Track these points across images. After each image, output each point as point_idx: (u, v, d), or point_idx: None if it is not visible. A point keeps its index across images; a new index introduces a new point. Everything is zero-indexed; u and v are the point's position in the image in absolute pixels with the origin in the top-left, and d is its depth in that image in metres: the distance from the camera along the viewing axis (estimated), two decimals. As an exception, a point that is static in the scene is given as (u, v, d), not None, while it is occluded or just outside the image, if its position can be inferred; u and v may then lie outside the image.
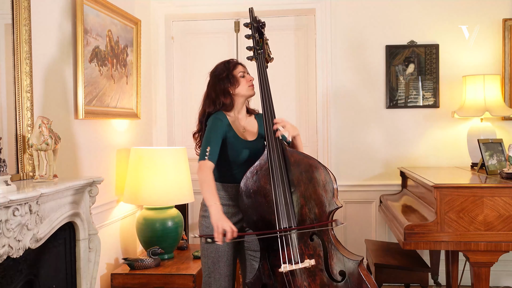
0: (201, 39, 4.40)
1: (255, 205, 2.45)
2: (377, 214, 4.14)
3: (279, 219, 2.38)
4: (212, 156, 2.39)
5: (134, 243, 3.84)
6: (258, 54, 2.61)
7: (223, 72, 2.56)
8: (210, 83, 2.61)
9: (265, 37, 2.66)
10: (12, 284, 2.10)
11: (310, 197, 2.41)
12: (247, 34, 2.65)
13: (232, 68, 2.56)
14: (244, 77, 2.56)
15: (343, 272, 2.35)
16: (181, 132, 4.42)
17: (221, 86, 2.54)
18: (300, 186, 2.42)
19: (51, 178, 2.35)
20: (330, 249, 2.38)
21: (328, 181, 2.40)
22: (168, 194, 3.42)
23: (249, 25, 2.65)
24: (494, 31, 3.99)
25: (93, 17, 3.11)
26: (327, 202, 2.38)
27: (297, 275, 2.36)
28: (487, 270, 2.81)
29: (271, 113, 2.49)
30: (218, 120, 2.49)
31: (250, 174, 2.46)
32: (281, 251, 2.36)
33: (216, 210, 2.28)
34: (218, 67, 2.61)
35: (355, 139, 4.15)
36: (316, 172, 2.41)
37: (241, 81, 2.55)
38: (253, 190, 2.45)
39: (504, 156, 3.42)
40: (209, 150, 2.40)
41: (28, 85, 2.46)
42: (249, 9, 2.69)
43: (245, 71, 2.59)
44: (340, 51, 4.13)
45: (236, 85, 2.54)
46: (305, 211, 2.41)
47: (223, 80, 2.53)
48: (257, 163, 2.46)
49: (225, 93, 2.54)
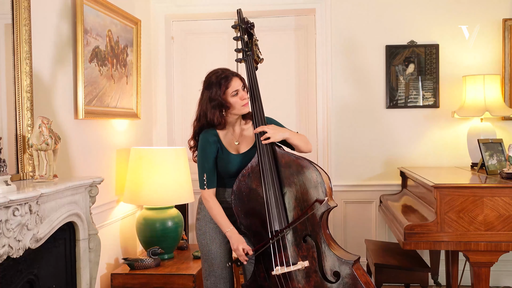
0: (201, 39, 4.40)
1: (247, 207, 2.45)
2: (377, 214, 4.14)
3: (271, 222, 2.38)
4: (210, 183, 2.50)
5: (134, 243, 3.84)
6: (247, 56, 2.57)
7: (214, 94, 2.43)
8: (203, 97, 2.50)
9: (254, 38, 2.62)
10: (12, 284, 2.10)
11: (302, 198, 2.39)
12: (235, 37, 2.61)
13: (225, 89, 2.43)
14: (237, 95, 2.46)
15: (337, 273, 2.34)
16: (181, 132, 4.42)
17: (213, 108, 2.46)
18: (291, 188, 2.42)
19: (51, 178, 2.35)
20: (324, 250, 2.37)
21: (319, 182, 2.37)
22: (168, 194, 3.42)
23: (237, 27, 2.60)
24: (494, 31, 3.99)
25: (93, 17, 3.10)
26: (319, 203, 2.36)
27: (291, 277, 2.36)
28: (487, 270, 2.81)
29: (260, 116, 2.48)
30: (207, 143, 2.49)
31: (242, 177, 2.47)
32: (273, 254, 2.37)
33: (232, 234, 2.43)
34: (211, 84, 2.46)
35: (355, 139, 4.14)
36: (307, 172, 2.39)
37: (234, 102, 2.45)
38: (245, 193, 2.46)
39: (504, 156, 3.42)
40: (206, 178, 2.48)
41: (28, 85, 2.45)
42: (237, 10, 2.62)
43: (239, 87, 2.46)
44: (340, 51, 4.13)
45: (229, 109, 2.47)
46: (297, 213, 2.40)
47: (215, 102, 2.44)
48: (248, 166, 2.47)
49: (216, 114, 2.47)
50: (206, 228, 2.54)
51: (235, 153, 2.52)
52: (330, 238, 2.44)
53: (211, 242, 2.53)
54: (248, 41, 2.60)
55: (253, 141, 2.54)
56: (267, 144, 2.43)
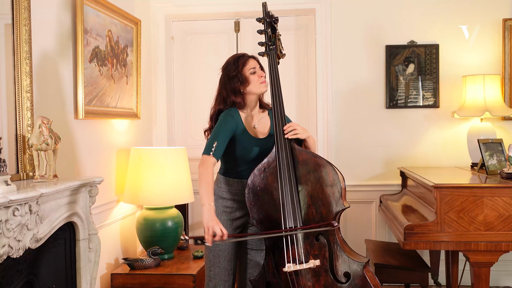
0: (201, 39, 4.40)
1: (261, 202, 2.43)
2: (377, 214, 4.14)
3: (285, 218, 2.36)
4: (217, 152, 2.37)
5: (134, 243, 3.84)
6: (270, 50, 2.57)
7: (232, 71, 2.49)
8: (221, 80, 2.55)
9: (277, 33, 2.61)
10: (12, 284, 2.10)
11: (317, 197, 2.39)
12: (259, 29, 2.58)
13: (242, 66, 2.48)
14: (255, 73, 2.49)
15: (348, 274, 2.34)
16: (181, 132, 4.43)
17: (232, 85, 2.48)
18: (307, 186, 2.40)
19: (51, 178, 2.35)
20: (336, 250, 2.36)
21: (336, 181, 2.37)
22: (168, 194, 3.42)
23: (262, 20, 2.59)
24: (494, 31, 3.99)
25: (93, 17, 3.11)
26: (334, 203, 2.36)
27: (302, 275, 2.35)
28: (487, 270, 2.81)
29: (281, 110, 2.47)
30: (229, 116, 2.46)
31: (257, 172, 2.43)
32: (286, 250, 2.35)
33: (209, 210, 2.27)
34: (229, 64, 2.53)
35: (355, 139, 4.14)
36: (324, 171, 2.38)
37: (252, 79, 2.48)
38: (260, 188, 2.43)
39: (504, 156, 3.42)
40: (216, 145, 2.36)
41: (28, 85, 2.45)
42: (263, 3, 2.61)
43: (256, 66, 2.51)
44: (340, 51, 4.13)
45: (246, 84, 2.48)
46: (311, 211, 2.39)
47: (233, 79, 2.47)
48: (265, 161, 2.43)
49: (235, 92, 2.48)
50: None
51: (254, 136, 2.51)
52: (342, 239, 2.43)
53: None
54: (272, 35, 2.59)
55: (268, 131, 2.55)
56: (287, 139, 2.42)
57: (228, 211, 2.52)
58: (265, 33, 2.58)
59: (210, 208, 2.27)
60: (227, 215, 2.52)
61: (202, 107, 4.21)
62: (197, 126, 4.30)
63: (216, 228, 2.22)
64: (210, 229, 2.21)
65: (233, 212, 2.52)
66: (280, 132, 2.43)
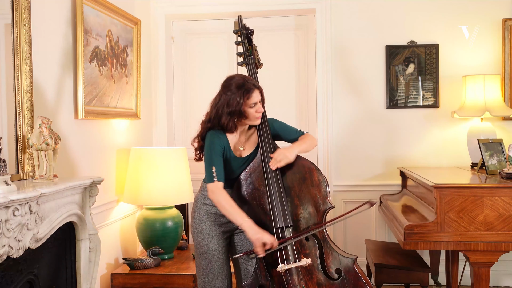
0: (201, 39, 4.40)
1: (249, 206, 2.47)
2: (377, 214, 4.13)
3: (275, 218, 2.40)
4: (220, 175, 2.40)
5: (134, 243, 3.84)
6: (248, 60, 2.68)
7: (233, 101, 2.40)
8: (218, 100, 2.47)
9: (253, 44, 2.73)
10: (12, 284, 2.10)
11: (304, 197, 2.46)
12: (236, 41, 2.72)
13: (245, 98, 2.40)
14: (254, 107, 2.44)
15: (339, 270, 2.40)
16: (181, 132, 4.42)
17: (228, 112, 2.43)
18: (294, 187, 2.48)
19: (51, 178, 2.35)
20: (326, 248, 2.43)
21: (321, 181, 2.48)
22: (168, 194, 3.42)
23: (238, 32, 2.70)
24: (494, 31, 3.99)
25: (93, 17, 3.10)
26: (321, 202, 2.45)
27: (294, 274, 2.37)
28: (487, 270, 2.81)
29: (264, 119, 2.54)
30: (217, 138, 2.45)
31: (244, 177, 2.51)
32: (278, 251, 2.38)
33: (250, 226, 2.33)
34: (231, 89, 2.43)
35: (355, 139, 4.14)
36: (309, 172, 2.48)
37: (250, 112, 2.44)
38: (247, 192, 2.49)
39: (504, 156, 3.42)
40: (215, 170, 2.39)
41: (28, 85, 2.45)
42: (238, 16, 2.74)
43: (257, 100, 2.45)
44: (340, 51, 4.13)
45: (243, 118, 2.46)
46: (300, 211, 2.46)
47: (231, 108, 2.41)
48: (250, 166, 2.51)
49: (230, 121, 2.45)
50: (203, 226, 2.52)
51: (239, 157, 2.53)
52: (329, 237, 2.49)
53: (209, 240, 2.51)
54: (248, 46, 2.71)
55: (255, 144, 2.57)
56: (271, 144, 2.51)
57: (212, 218, 2.53)
58: (242, 44, 2.71)
59: (249, 223, 2.33)
60: (212, 221, 2.53)
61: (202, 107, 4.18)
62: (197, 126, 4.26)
63: (264, 239, 2.30)
64: (260, 240, 2.29)
65: (217, 219, 2.53)
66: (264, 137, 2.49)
